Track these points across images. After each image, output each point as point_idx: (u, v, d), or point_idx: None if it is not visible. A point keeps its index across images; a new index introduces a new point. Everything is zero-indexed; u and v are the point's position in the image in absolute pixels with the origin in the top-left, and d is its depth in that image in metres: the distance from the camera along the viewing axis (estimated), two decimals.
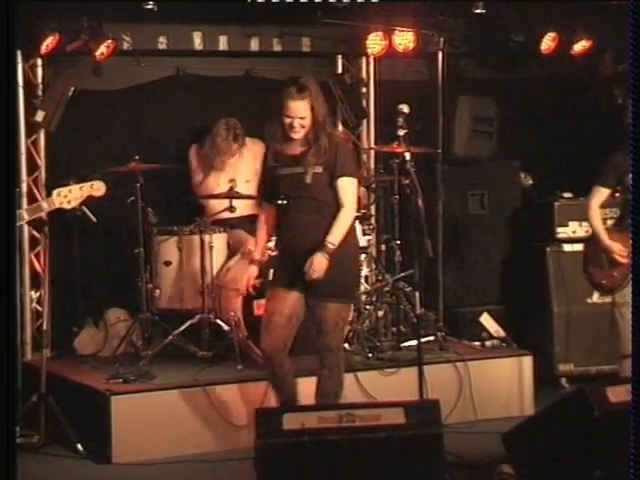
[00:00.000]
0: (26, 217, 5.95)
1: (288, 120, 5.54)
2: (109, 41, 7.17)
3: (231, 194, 7.07)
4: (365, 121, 8.29)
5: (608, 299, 7.53)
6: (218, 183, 7.47)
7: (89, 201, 6.06)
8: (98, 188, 5.99)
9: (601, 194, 6.42)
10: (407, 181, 6.14)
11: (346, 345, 7.00)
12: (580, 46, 8.17)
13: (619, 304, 6.36)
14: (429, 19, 7.80)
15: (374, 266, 7.60)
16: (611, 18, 7.77)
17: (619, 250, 6.31)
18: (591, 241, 6.56)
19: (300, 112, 5.52)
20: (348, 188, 5.58)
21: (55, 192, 5.86)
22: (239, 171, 7.53)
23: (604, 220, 6.61)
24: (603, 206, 6.48)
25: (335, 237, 5.51)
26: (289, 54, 7.95)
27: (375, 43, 7.83)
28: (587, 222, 6.64)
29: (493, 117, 8.21)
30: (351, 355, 6.97)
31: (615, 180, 6.36)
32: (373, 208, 7.89)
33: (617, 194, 6.48)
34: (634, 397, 3.35)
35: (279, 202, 5.62)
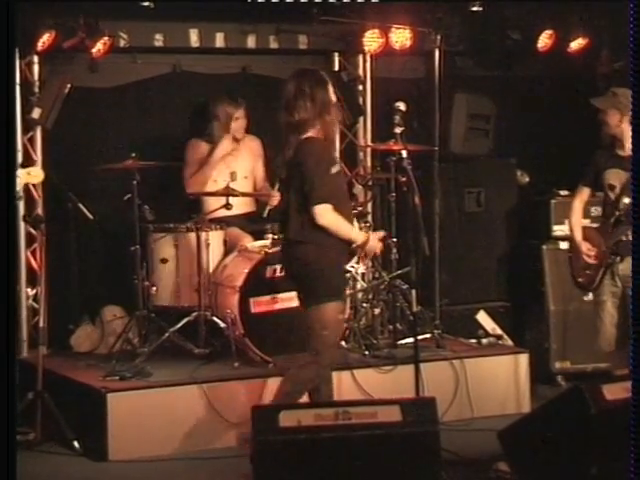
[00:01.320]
0: None
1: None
2: (105, 38, 7.16)
3: (227, 191, 7.07)
4: (362, 119, 8.28)
5: None
6: (215, 179, 7.48)
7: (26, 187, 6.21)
8: (36, 175, 6.08)
9: (582, 193, 6.47)
10: (404, 179, 6.15)
11: (343, 343, 7.02)
12: (577, 44, 8.17)
13: (597, 303, 6.39)
14: (426, 16, 7.80)
15: (370, 264, 7.60)
16: (608, 16, 7.78)
17: (587, 250, 6.34)
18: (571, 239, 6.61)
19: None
20: None
21: None
22: (236, 167, 7.53)
23: (592, 219, 6.65)
24: (587, 205, 6.51)
25: None
26: (286, 51, 7.95)
27: (372, 40, 7.83)
28: (587, 220, 6.65)
29: (490, 115, 8.21)
30: (348, 353, 6.97)
31: (593, 178, 6.39)
32: (370, 206, 7.90)
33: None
34: (634, 395, 3.36)
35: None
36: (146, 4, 6.93)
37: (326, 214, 5.46)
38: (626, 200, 6.14)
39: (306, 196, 5.46)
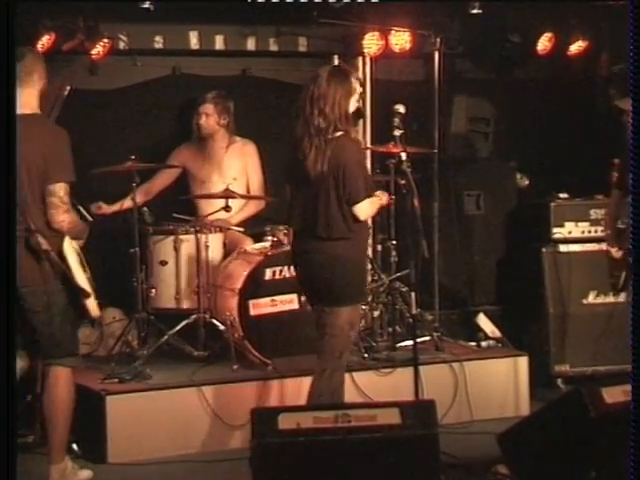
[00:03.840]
0: None
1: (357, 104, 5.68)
2: (105, 40, 7.17)
3: (227, 194, 7.08)
4: (361, 121, 8.26)
5: (603, 299, 7.59)
6: (204, 180, 7.50)
7: None
8: None
9: (615, 195, 6.43)
10: (403, 181, 6.13)
11: None
12: (576, 47, 8.17)
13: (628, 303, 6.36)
14: (425, 19, 7.80)
15: (370, 266, 7.59)
16: (608, 19, 7.78)
17: (609, 246, 6.31)
18: None
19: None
20: None
21: None
22: (225, 167, 7.54)
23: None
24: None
25: None
26: (285, 54, 7.95)
27: (371, 43, 7.83)
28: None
29: (489, 117, 8.21)
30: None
31: (626, 181, 6.36)
32: None
33: None
34: (634, 397, 3.35)
35: None
36: (146, 6, 6.93)
37: (367, 209, 5.60)
38: None
39: (348, 194, 5.51)
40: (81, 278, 5.52)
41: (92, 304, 5.53)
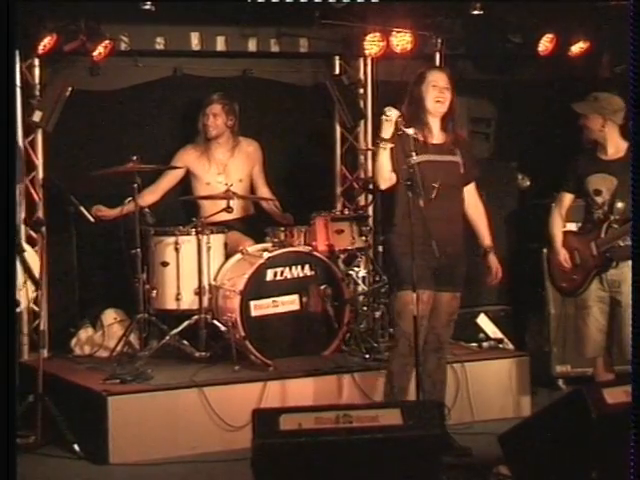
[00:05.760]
0: None
1: (434, 93, 5.90)
2: (107, 41, 7.17)
3: (228, 194, 7.08)
4: (362, 122, 8.28)
5: None
6: (209, 181, 7.50)
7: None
8: None
9: (564, 200, 6.48)
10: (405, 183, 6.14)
11: (343, 346, 7.02)
12: (578, 47, 8.17)
13: (582, 308, 6.37)
14: (427, 20, 7.81)
15: (371, 267, 7.59)
16: (609, 19, 7.78)
17: (564, 259, 6.37)
18: (550, 245, 6.64)
19: (444, 82, 5.91)
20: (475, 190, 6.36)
21: None
22: (231, 169, 7.54)
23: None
24: (568, 210, 6.54)
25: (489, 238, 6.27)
26: (287, 55, 7.95)
27: (373, 44, 7.83)
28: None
29: (491, 118, 8.21)
30: (348, 356, 6.98)
31: (575, 184, 6.40)
32: (370, 209, 7.89)
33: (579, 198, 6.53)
34: (634, 398, 3.35)
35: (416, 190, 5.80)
36: (147, 7, 6.93)
37: (377, 164, 6.02)
38: (620, 205, 6.12)
39: None
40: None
41: (30, 295, 5.97)
